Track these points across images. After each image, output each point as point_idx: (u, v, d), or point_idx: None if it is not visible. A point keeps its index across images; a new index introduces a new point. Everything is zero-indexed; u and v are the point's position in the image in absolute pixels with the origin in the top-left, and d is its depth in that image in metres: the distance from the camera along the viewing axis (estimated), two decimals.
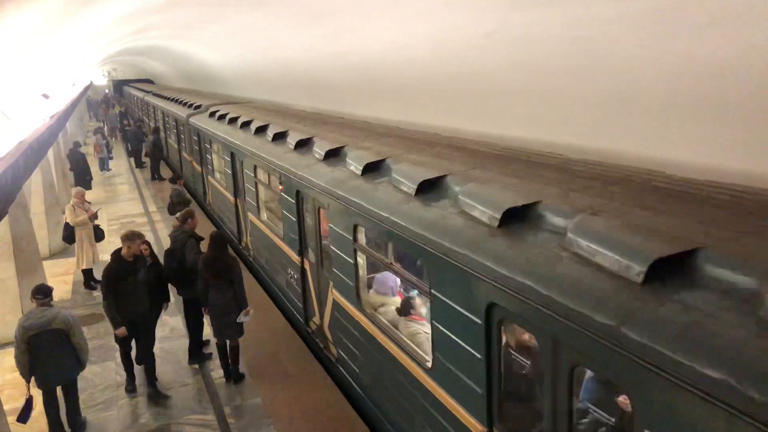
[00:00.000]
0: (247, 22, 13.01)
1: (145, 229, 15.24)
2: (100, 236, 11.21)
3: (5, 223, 9.04)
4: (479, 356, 4.17)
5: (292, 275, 8.86)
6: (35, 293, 6.46)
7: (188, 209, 8.96)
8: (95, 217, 11.23)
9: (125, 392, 7.55)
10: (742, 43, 4.14)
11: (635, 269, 3.01)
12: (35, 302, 6.43)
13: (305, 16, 10.27)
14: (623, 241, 3.25)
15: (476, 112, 8.29)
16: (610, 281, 3.12)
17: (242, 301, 7.54)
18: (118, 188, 20.97)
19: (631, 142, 5.83)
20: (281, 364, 8.04)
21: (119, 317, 7.21)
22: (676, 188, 4.11)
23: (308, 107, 15.02)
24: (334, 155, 7.48)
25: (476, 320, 4.13)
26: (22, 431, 6.79)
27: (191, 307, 8.15)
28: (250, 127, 11.25)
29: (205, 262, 7.50)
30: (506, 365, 4.26)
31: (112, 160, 25.31)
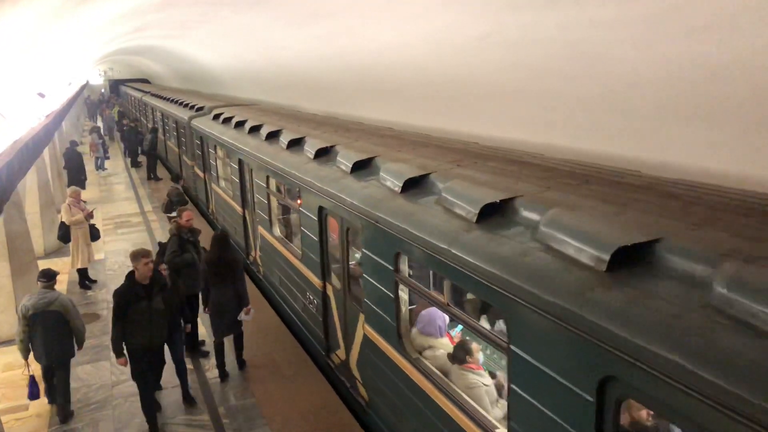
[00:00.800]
0: (243, 22, 13.02)
1: (140, 228, 15.23)
2: (95, 235, 11.22)
3: (0, 222, 9.02)
4: None
5: (311, 300, 7.89)
6: (40, 276, 6.86)
7: (182, 207, 9.07)
8: (91, 216, 11.22)
9: None
10: (736, 46, 4.17)
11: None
12: (40, 284, 6.80)
13: (302, 16, 10.29)
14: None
15: (472, 113, 8.31)
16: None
17: (245, 299, 7.65)
18: (113, 188, 20.93)
19: (626, 144, 5.86)
20: (276, 364, 8.03)
21: (126, 347, 6.44)
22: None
23: (306, 108, 15.02)
24: (363, 167, 6.55)
25: (584, 396, 3.20)
26: (20, 430, 6.78)
27: (187, 302, 8.17)
28: (260, 132, 10.39)
29: (208, 262, 7.55)
30: None
31: (108, 160, 25.26)
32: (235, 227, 12.19)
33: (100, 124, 35.96)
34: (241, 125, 11.77)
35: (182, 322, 7.22)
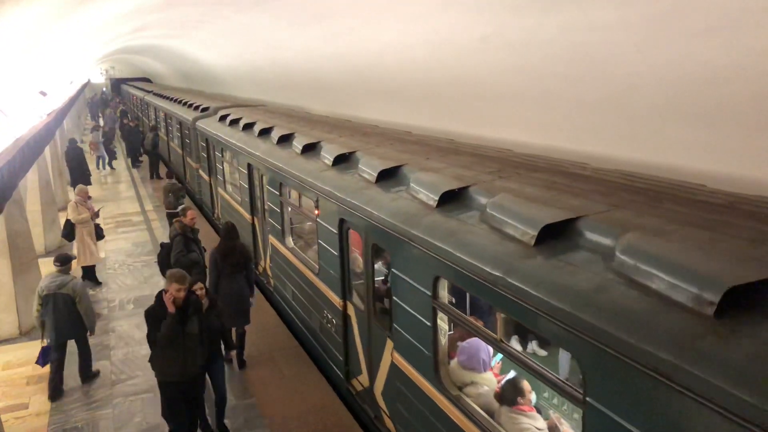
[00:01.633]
0: (245, 21, 13.03)
1: (141, 227, 15.24)
2: (100, 234, 11.30)
3: (1, 220, 9.03)
4: None
5: (329, 319, 7.29)
6: (55, 260, 7.63)
7: (186, 206, 9.14)
8: (97, 215, 11.30)
9: None
10: (738, 48, 4.18)
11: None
12: (56, 268, 7.53)
13: (304, 16, 10.30)
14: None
15: (473, 114, 8.32)
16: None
17: (253, 287, 7.96)
18: (114, 186, 20.95)
19: (627, 146, 5.87)
20: (276, 364, 8.04)
21: (157, 379, 5.95)
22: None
23: (307, 108, 15.04)
24: (389, 177, 6.02)
25: None
26: (19, 429, 6.80)
27: None
28: (271, 135, 9.85)
29: (221, 253, 7.64)
30: None
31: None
32: (243, 235, 11.11)
33: (101, 123, 35.97)
34: (249, 127, 11.30)
35: (223, 348, 6.61)
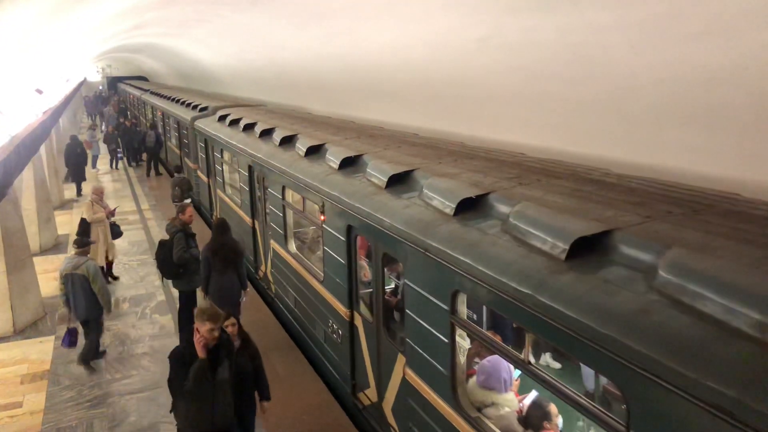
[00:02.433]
0: (243, 21, 13.03)
1: (137, 226, 15.20)
2: (117, 233, 11.26)
3: None
4: None
5: (334, 329, 7.01)
6: (73, 243, 8.26)
7: (183, 203, 9.12)
8: (113, 214, 11.29)
9: None
10: (735, 50, 4.19)
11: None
12: (74, 250, 8.12)
13: (302, 16, 10.30)
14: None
15: (470, 115, 8.33)
16: None
17: (245, 283, 7.97)
18: (110, 185, 20.87)
19: (623, 147, 5.88)
20: (270, 364, 8.00)
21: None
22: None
23: (305, 108, 15.03)
24: (400, 182, 5.72)
25: None
26: (13, 428, 6.77)
27: (187, 299, 8.41)
28: (272, 136, 9.58)
29: (213, 249, 7.71)
30: None
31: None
32: (243, 238, 10.89)
33: (98, 122, 35.85)
34: (250, 128, 11.09)
35: (257, 395, 5.89)
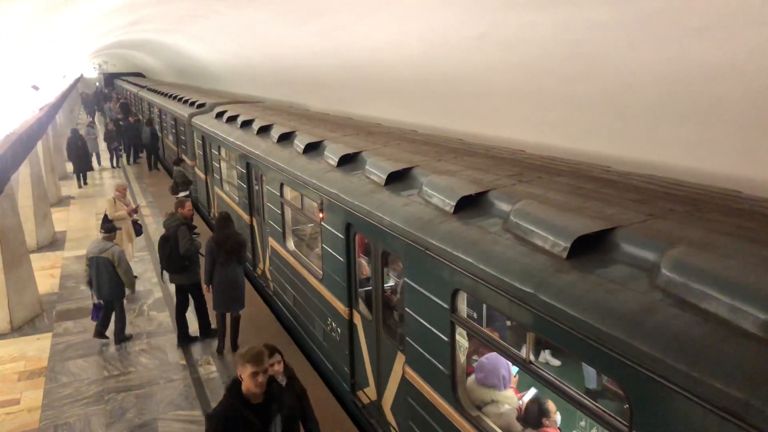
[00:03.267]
0: (239, 17, 13.00)
1: None
2: (138, 231, 11.28)
3: None
4: None
5: (333, 328, 6.97)
6: (100, 228, 8.65)
7: (180, 198, 9.14)
8: (135, 211, 11.30)
9: None
10: (731, 47, 4.20)
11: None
12: (101, 235, 8.50)
13: (299, 12, 10.28)
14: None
15: (468, 112, 8.33)
16: None
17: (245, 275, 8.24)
18: (107, 182, 20.83)
19: (621, 144, 5.89)
20: None
21: None
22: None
23: (301, 104, 15.01)
24: (399, 179, 5.70)
25: None
26: (11, 424, 6.77)
27: (189, 292, 8.45)
28: (270, 133, 9.55)
29: (217, 242, 7.86)
30: None
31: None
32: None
33: (100, 119, 35.74)
34: (248, 125, 11.05)
35: None
